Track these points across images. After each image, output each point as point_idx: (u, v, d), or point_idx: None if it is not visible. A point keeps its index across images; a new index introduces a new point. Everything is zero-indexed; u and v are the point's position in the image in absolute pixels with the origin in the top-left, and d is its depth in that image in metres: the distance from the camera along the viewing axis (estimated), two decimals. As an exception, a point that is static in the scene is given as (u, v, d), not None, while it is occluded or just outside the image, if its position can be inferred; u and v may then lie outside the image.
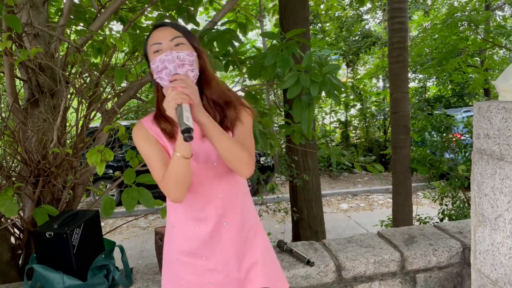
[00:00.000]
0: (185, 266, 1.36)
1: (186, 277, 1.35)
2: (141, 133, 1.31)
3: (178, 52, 1.21)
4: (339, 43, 11.84)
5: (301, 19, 4.18)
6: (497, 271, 1.53)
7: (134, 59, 2.89)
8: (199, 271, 1.34)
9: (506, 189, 1.44)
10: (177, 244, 1.37)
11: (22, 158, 2.20)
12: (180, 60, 1.21)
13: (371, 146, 11.55)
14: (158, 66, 1.22)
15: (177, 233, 1.37)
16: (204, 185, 1.31)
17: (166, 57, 1.21)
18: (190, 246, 1.34)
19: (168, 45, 1.24)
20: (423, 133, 5.58)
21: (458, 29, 6.57)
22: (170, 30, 1.26)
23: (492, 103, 1.50)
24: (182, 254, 1.36)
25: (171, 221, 1.39)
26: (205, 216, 1.32)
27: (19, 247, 2.28)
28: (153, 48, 1.25)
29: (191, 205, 1.33)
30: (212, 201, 1.32)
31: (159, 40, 1.24)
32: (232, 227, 1.35)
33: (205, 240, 1.33)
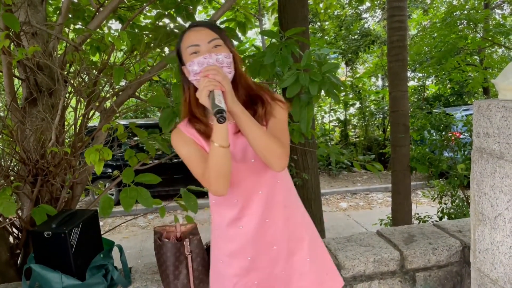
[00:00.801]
0: (230, 268, 1.37)
1: (233, 279, 1.36)
2: (179, 137, 1.33)
3: (217, 55, 1.22)
4: (338, 42, 11.84)
5: (300, 18, 4.17)
6: (497, 270, 1.53)
7: (133, 57, 2.88)
8: (244, 272, 1.35)
9: (506, 188, 1.44)
10: (221, 246, 1.39)
11: (21, 158, 2.19)
12: (219, 63, 1.22)
13: (370, 145, 11.55)
14: (197, 69, 1.22)
15: (221, 236, 1.39)
16: (243, 182, 1.32)
17: (205, 60, 1.21)
18: (234, 247, 1.35)
19: (207, 47, 1.24)
20: (422, 132, 5.58)
21: (457, 28, 6.57)
22: (207, 32, 1.25)
23: (492, 102, 1.49)
24: (226, 256, 1.37)
25: (215, 223, 1.41)
26: (247, 214, 1.33)
27: (17, 247, 2.28)
28: (190, 49, 1.25)
29: (232, 204, 1.34)
30: (253, 198, 1.33)
31: (196, 42, 1.24)
32: (275, 223, 1.35)
33: (248, 239, 1.33)
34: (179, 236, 1.83)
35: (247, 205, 1.32)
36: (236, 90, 1.28)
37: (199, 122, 1.31)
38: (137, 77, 2.57)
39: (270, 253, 1.35)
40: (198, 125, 1.31)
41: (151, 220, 7.33)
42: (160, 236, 1.83)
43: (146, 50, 2.88)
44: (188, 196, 2.23)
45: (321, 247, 1.48)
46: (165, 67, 2.48)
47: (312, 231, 1.47)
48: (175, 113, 2.00)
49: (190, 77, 1.27)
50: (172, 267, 1.78)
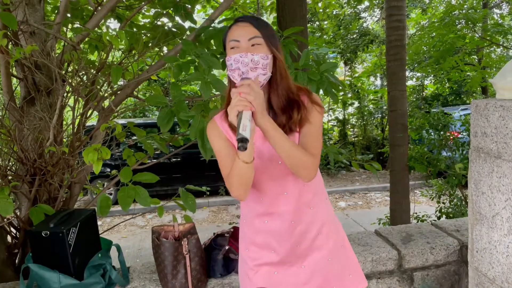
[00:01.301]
0: (254, 256, 1.40)
1: (255, 267, 1.40)
2: (214, 130, 1.35)
3: (253, 55, 1.21)
4: (337, 41, 11.84)
5: (299, 17, 4.17)
6: (494, 269, 1.53)
7: (131, 57, 2.88)
8: (267, 262, 1.38)
9: (503, 187, 1.44)
10: (247, 236, 1.42)
11: (18, 157, 2.19)
12: (254, 63, 1.21)
13: (369, 144, 11.55)
14: (232, 65, 1.22)
15: (247, 225, 1.42)
16: (269, 183, 1.33)
17: (241, 58, 1.21)
18: (259, 238, 1.39)
19: (246, 44, 1.23)
20: (421, 131, 5.59)
21: (456, 27, 6.58)
22: (250, 29, 1.24)
23: (490, 101, 1.50)
24: (252, 245, 1.41)
25: (243, 213, 1.44)
26: (272, 213, 1.35)
27: (15, 246, 2.27)
28: (231, 44, 1.24)
29: (258, 201, 1.36)
30: (279, 198, 1.34)
31: (237, 37, 1.23)
32: (300, 224, 1.36)
33: (273, 234, 1.36)
34: (177, 236, 1.83)
35: (272, 204, 1.35)
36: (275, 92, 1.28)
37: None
38: (135, 76, 2.57)
39: (294, 251, 1.38)
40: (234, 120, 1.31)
41: (150, 219, 7.33)
42: (158, 235, 1.83)
43: (144, 49, 2.87)
44: (186, 195, 2.23)
45: (348, 249, 1.49)
46: (164, 67, 2.48)
47: (338, 232, 1.47)
48: (173, 113, 1.99)
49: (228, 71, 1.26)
50: (170, 267, 1.78)
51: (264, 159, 1.32)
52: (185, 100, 2.14)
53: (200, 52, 2.09)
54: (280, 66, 1.28)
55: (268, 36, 1.25)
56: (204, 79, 1.94)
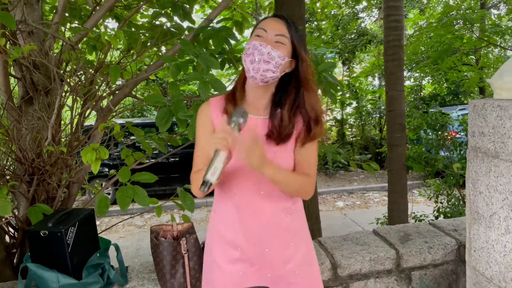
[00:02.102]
0: (221, 252, 1.37)
1: (222, 264, 1.37)
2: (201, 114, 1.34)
3: (272, 49, 1.21)
4: (335, 41, 11.85)
5: (297, 17, 4.17)
6: (492, 269, 1.54)
7: (130, 56, 2.88)
8: (233, 260, 1.36)
9: (501, 187, 1.45)
10: (217, 229, 1.39)
11: (17, 157, 2.18)
12: (269, 57, 1.21)
13: (367, 144, 11.57)
14: (250, 49, 1.23)
15: (218, 219, 1.39)
16: (247, 180, 1.31)
17: (260, 47, 1.21)
18: (229, 235, 1.36)
19: (271, 37, 1.23)
20: (419, 131, 5.60)
21: (454, 28, 6.59)
22: (281, 25, 1.25)
23: (487, 101, 1.50)
24: (220, 240, 1.38)
25: (215, 207, 1.42)
26: (246, 211, 1.33)
27: (13, 246, 2.27)
28: (257, 31, 1.25)
29: (233, 198, 1.33)
30: (255, 197, 1.32)
31: (266, 27, 1.24)
32: (272, 227, 1.34)
33: (244, 233, 1.33)
34: (175, 235, 1.83)
35: (247, 203, 1.33)
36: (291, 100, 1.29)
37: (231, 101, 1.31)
38: (133, 76, 2.57)
39: (262, 254, 1.35)
40: (229, 106, 1.30)
41: (148, 219, 7.32)
42: (157, 235, 1.83)
43: (142, 49, 2.88)
44: (185, 195, 2.24)
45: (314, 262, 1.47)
46: (162, 66, 2.48)
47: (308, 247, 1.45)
48: (172, 112, 2.00)
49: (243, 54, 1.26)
50: (168, 266, 1.78)
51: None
52: (184, 99, 2.14)
53: (198, 52, 2.09)
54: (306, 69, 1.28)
55: (295, 40, 1.26)
56: (202, 79, 1.95)
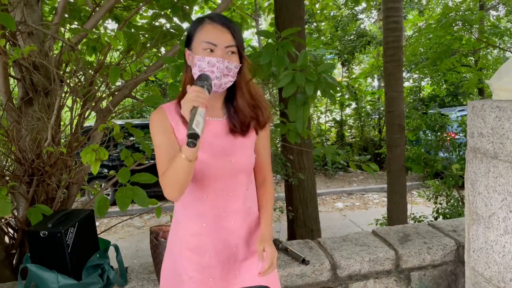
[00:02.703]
0: (188, 261, 1.34)
1: (190, 272, 1.34)
2: (159, 121, 1.30)
3: (229, 62, 1.25)
4: (334, 43, 11.86)
5: (296, 18, 4.18)
6: (491, 269, 1.54)
7: (129, 57, 2.88)
8: (202, 267, 1.34)
9: (499, 187, 1.45)
10: (182, 239, 1.36)
11: (16, 157, 2.18)
12: (228, 70, 1.25)
13: (366, 145, 11.58)
14: (204, 66, 1.23)
15: (183, 228, 1.36)
16: (217, 181, 1.31)
17: (217, 63, 1.23)
18: (196, 242, 1.33)
19: (222, 51, 1.25)
20: (418, 132, 5.61)
21: (453, 29, 6.60)
22: (228, 36, 1.26)
23: (486, 102, 1.51)
24: (186, 249, 1.35)
25: (178, 216, 1.38)
26: (214, 213, 1.32)
27: (13, 247, 2.27)
28: (205, 45, 1.25)
29: (201, 198, 1.32)
30: (224, 198, 1.32)
31: (214, 41, 1.24)
32: (239, 227, 1.35)
33: (211, 237, 1.33)
34: (175, 236, 1.83)
35: (215, 204, 1.32)
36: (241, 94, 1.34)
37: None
38: (133, 77, 2.57)
39: (229, 254, 1.35)
40: None
41: (147, 220, 7.32)
42: (157, 235, 1.83)
43: (142, 50, 2.88)
44: (184, 196, 2.23)
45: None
46: (161, 67, 2.48)
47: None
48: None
49: (193, 68, 1.27)
50: (168, 267, 1.78)
51: (215, 155, 1.29)
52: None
53: (198, 52, 2.09)
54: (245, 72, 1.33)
55: (240, 45, 1.29)
56: (202, 80, 1.95)
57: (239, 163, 1.32)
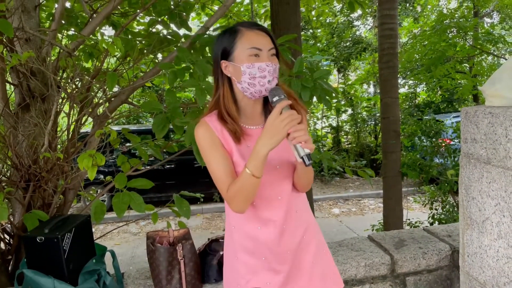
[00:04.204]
0: (244, 265, 1.36)
1: (246, 276, 1.36)
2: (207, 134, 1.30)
3: (276, 65, 1.28)
4: (330, 49, 11.92)
5: (293, 25, 4.21)
6: (485, 274, 1.56)
7: (126, 64, 2.89)
8: (258, 270, 1.35)
9: (493, 193, 1.47)
10: (237, 243, 1.38)
11: (13, 163, 2.19)
12: (276, 73, 1.28)
13: (362, 151, 11.61)
14: (255, 73, 1.24)
15: (237, 232, 1.38)
16: (265, 187, 1.32)
17: (267, 67, 1.25)
18: (251, 245, 1.35)
19: (266, 54, 1.27)
20: (413, 138, 5.64)
21: (447, 36, 6.66)
22: (268, 39, 1.29)
23: (479, 108, 1.53)
24: (242, 253, 1.37)
25: (231, 220, 1.40)
26: (266, 218, 1.34)
27: (8, 253, 2.26)
28: (252, 51, 1.25)
29: (252, 208, 1.34)
30: (273, 203, 1.34)
31: (260, 46, 1.26)
32: (289, 229, 1.37)
33: (265, 241, 1.34)
34: (172, 241, 1.84)
35: (266, 209, 1.34)
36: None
37: (233, 122, 1.30)
38: (130, 83, 2.58)
39: (284, 256, 1.37)
40: (232, 125, 1.29)
41: (143, 226, 7.30)
42: (153, 241, 1.84)
43: (139, 56, 2.89)
44: (180, 201, 2.24)
45: (326, 252, 1.51)
46: (158, 73, 2.50)
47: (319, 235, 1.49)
48: (169, 119, 2.01)
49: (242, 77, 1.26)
50: (164, 272, 1.79)
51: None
52: (180, 106, 2.16)
53: (195, 59, 2.11)
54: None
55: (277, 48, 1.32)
56: (199, 86, 1.97)
57: (285, 169, 1.35)
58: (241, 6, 6.52)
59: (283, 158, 1.35)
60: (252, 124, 1.35)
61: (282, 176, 1.35)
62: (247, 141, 1.32)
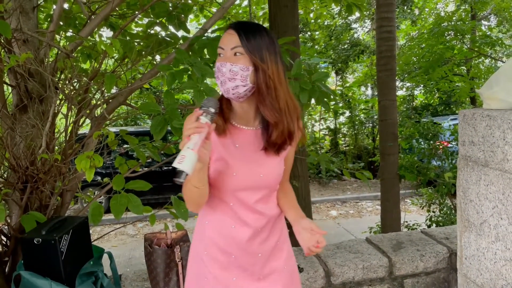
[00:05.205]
0: (214, 260, 1.36)
1: (214, 271, 1.36)
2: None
3: (232, 65, 1.20)
4: (328, 52, 11.95)
5: (291, 27, 4.21)
6: (482, 276, 1.56)
7: (124, 65, 2.89)
8: (226, 266, 1.36)
9: (490, 195, 1.47)
10: (208, 239, 1.37)
11: (10, 164, 2.18)
12: (232, 74, 1.20)
13: (360, 153, 11.63)
14: (216, 72, 1.24)
15: (210, 229, 1.37)
16: (245, 191, 1.32)
17: (220, 67, 1.22)
18: (222, 243, 1.35)
19: (229, 53, 1.22)
20: (411, 141, 5.65)
21: (445, 39, 6.68)
22: (234, 38, 1.21)
23: (477, 111, 1.53)
24: (213, 248, 1.36)
25: (206, 214, 1.39)
26: (242, 219, 1.34)
27: (5, 254, 2.25)
28: (218, 51, 1.25)
29: (227, 205, 1.33)
30: (249, 207, 1.33)
31: (222, 45, 1.24)
32: (264, 232, 1.37)
33: (238, 240, 1.34)
34: (169, 243, 1.84)
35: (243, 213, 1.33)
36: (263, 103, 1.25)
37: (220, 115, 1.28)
38: (128, 85, 2.58)
39: (255, 258, 1.37)
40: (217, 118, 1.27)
41: (140, 228, 7.28)
42: (151, 243, 1.83)
43: (137, 58, 2.89)
44: (178, 203, 2.24)
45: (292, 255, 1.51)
46: (156, 75, 2.49)
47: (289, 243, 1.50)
48: (167, 121, 2.01)
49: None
50: (162, 274, 1.78)
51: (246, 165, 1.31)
52: (178, 108, 2.16)
53: (193, 60, 2.11)
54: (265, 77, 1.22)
55: (251, 47, 1.21)
56: (197, 88, 1.96)
57: (268, 178, 1.34)
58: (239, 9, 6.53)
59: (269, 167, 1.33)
60: (245, 125, 1.33)
61: (264, 185, 1.34)
62: (236, 140, 1.31)
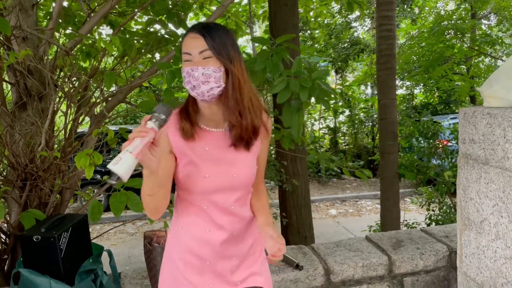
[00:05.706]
0: (189, 266, 1.34)
1: (189, 277, 1.34)
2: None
3: (203, 68, 1.20)
4: (328, 50, 11.93)
5: (291, 26, 4.21)
6: (482, 274, 1.56)
7: (124, 63, 2.89)
8: (202, 272, 1.34)
9: (491, 193, 1.47)
10: (183, 244, 1.35)
11: (9, 162, 2.17)
12: (205, 77, 1.20)
13: (359, 152, 11.63)
14: (185, 77, 1.22)
15: (184, 234, 1.35)
16: (219, 194, 1.31)
17: (192, 72, 1.20)
18: (197, 248, 1.33)
19: (197, 58, 1.21)
20: (411, 139, 5.65)
21: (445, 37, 6.68)
22: (200, 41, 1.21)
23: (477, 109, 1.53)
24: (187, 254, 1.34)
25: (179, 221, 1.37)
26: (216, 223, 1.32)
27: (4, 252, 2.25)
28: (184, 56, 1.24)
29: (201, 208, 1.32)
30: (225, 210, 1.32)
31: (189, 50, 1.22)
32: (239, 237, 1.36)
33: (212, 245, 1.33)
34: (169, 241, 1.83)
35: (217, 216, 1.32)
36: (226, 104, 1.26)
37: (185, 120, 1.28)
38: (127, 83, 2.58)
39: (230, 263, 1.36)
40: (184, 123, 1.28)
41: (140, 226, 7.28)
42: (150, 240, 1.83)
43: (137, 56, 2.89)
44: (178, 201, 2.23)
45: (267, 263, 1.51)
46: (156, 73, 2.49)
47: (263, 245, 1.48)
48: (166, 119, 2.00)
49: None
50: (162, 272, 1.77)
51: (217, 167, 1.29)
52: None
53: (193, 58, 2.10)
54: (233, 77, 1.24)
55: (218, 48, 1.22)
56: (197, 85, 1.96)
57: (241, 179, 1.32)
58: (239, 7, 6.51)
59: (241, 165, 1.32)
60: (214, 127, 1.32)
61: (238, 186, 1.32)
62: (205, 143, 1.30)
